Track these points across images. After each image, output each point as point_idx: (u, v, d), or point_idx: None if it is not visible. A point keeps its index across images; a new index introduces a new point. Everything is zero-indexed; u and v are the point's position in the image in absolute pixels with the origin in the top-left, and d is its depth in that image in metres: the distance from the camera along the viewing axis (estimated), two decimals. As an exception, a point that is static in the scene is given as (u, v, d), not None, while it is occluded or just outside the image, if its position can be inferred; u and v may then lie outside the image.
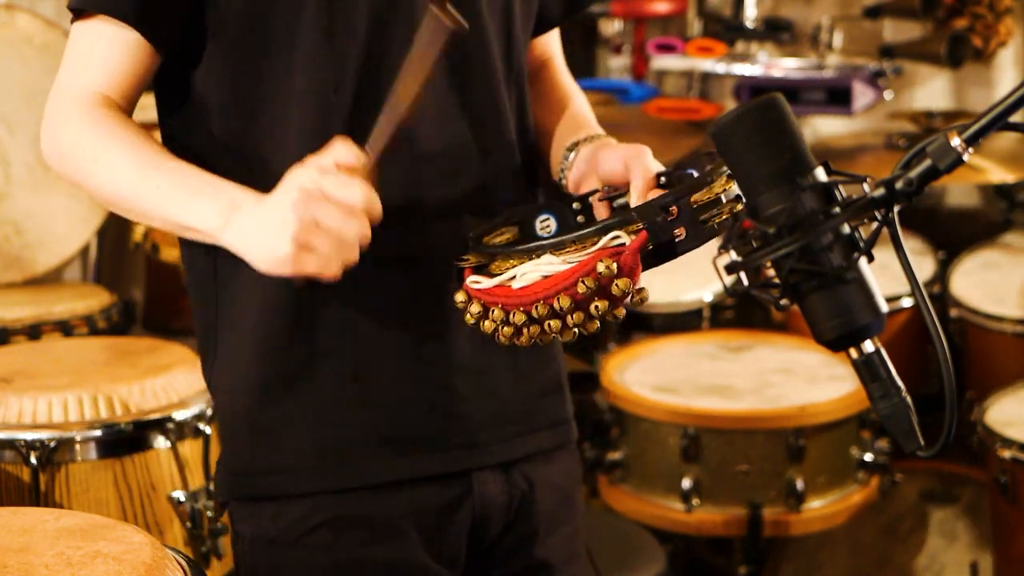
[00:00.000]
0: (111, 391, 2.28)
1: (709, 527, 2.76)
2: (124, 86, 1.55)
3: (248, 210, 1.44)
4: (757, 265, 1.32)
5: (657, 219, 1.44)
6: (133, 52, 1.54)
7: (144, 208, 1.52)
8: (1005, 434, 2.68)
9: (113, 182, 1.52)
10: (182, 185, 1.49)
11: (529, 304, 1.46)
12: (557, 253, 1.49)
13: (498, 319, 1.50)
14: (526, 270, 1.50)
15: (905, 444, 1.33)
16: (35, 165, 3.39)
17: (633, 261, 1.43)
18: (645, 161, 1.55)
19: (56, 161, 1.57)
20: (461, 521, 1.65)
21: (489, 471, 1.66)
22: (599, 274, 1.42)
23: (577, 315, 1.45)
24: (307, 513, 1.61)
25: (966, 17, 3.51)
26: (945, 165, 1.29)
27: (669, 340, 3.13)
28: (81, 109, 1.53)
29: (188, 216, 1.48)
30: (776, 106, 1.32)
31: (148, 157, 1.50)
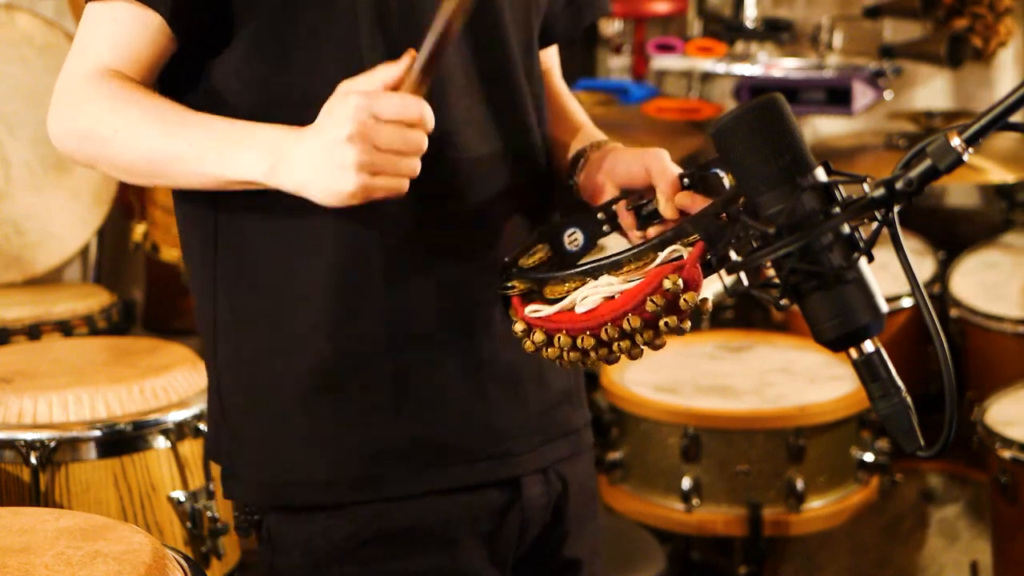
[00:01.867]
0: (111, 391, 2.28)
1: (709, 527, 2.76)
2: (138, 66, 1.52)
3: (294, 150, 1.42)
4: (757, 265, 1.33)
5: (712, 228, 1.42)
6: (152, 35, 1.50)
7: (179, 170, 1.48)
8: (1005, 434, 2.68)
9: (139, 149, 1.48)
10: (215, 137, 1.46)
11: (598, 327, 1.45)
12: (616, 273, 1.48)
13: (565, 345, 1.48)
14: (587, 293, 1.48)
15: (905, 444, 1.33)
16: (35, 165, 3.38)
17: (696, 274, 1.42)
18: (666, 164, 1.54)
19: (71, 142, 1.52)
20: (512, 525, 1.64)
21: (533, 474, 1.65)
22: (667, 290, 1.41)
23: (647, 333, 1.44)
24: (358, 526, 1.58)
25: (966, 17, 3.51)
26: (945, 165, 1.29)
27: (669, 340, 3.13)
28: (93, 84, 1.49)
29: (229, 169, 1.45)
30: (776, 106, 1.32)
31: (172, 116, 1.47)
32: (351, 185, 1.39)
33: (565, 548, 1.71)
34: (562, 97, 1.80)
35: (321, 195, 1.42)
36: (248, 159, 1.44)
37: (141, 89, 1.50)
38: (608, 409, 2.85)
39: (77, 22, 3.69)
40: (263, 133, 1.45)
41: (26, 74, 3.40)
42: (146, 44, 1.51)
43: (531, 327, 1.51)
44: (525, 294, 1.54)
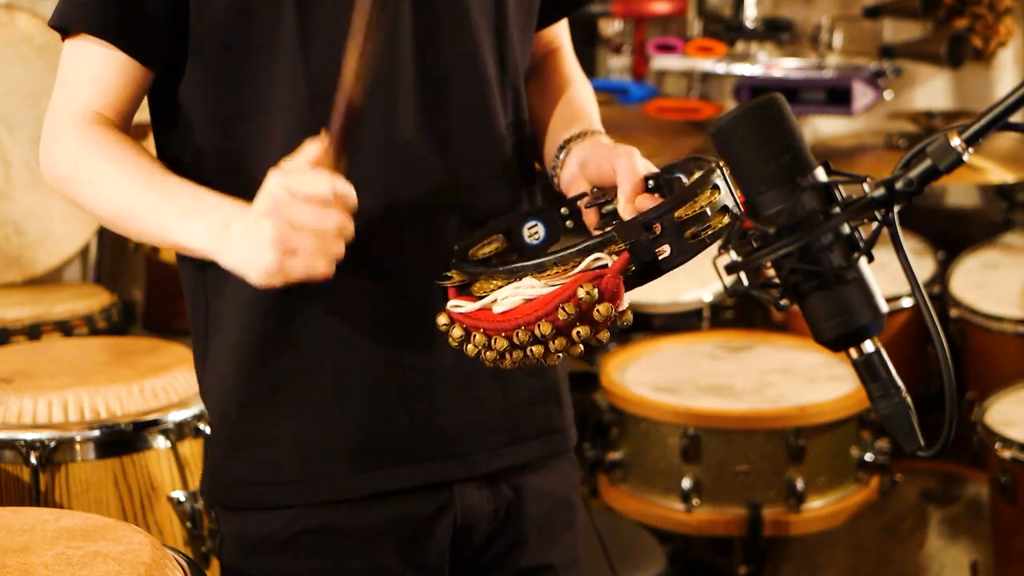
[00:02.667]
0: (111, 391, 2.28)
1: (709, 527, 2.76)
2: (117, 103, 1.55)
3: (236, 228, 1.44)
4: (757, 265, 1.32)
5: (640, 238, 1.39)
6: (122, 69, 1.54)
7: (139, 228, 1.52)
8: (1005, 434, 2.68)
9: (108, 203, 1.52)
10: (175, 205, 1.48)
11: (510, 330, 1.43)
12: (539, 276, 1.45)
13: (480, 344, 1.46)
14: (507, 294, 1.46)
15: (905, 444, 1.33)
16: (35, 165, 3.37)
17: (615, 285, 1.38)
18: (633, 164, 1.52)
19: (53, 181, 1.58)
20: (442, 532, 1.63)
21: (472, 482, 1.64)
22: (580, 299, 1.38)
23: (559, 340, 1.41)
24: (289, 522, 1.60)
25: (966, 17, 3.51)
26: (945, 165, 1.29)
27: (669, 340, 3.13)
28: (74, 130, 1.53)
29: (181, 237, 1.48)
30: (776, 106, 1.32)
31: (141, 176, 1.50)
32: (267, 261, 1.39)
33: (523, 557, 1.69)
34: (562, 78, 1.76)
35: (250, 272, 1.43)
36: (198, 232, 1.47)
37: (118, 140, 1.53)
38: (608, 409, 2.85)
39: (77, 22, 3.70)
40: (220, 209, 1.47)
41: (26, 74, 3.40)
42: (119, 78, 1.54)
43: (453, 321, 1.49)
44: (460, 287, 1.53)
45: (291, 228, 1.38)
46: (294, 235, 1.38)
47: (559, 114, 1.70)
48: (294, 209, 1.38)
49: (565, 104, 1.72)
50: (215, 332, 1.62)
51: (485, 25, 1.60)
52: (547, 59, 1.78)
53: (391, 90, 1.54)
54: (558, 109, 1.71)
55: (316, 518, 1.60)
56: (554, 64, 1.78)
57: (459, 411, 1.62)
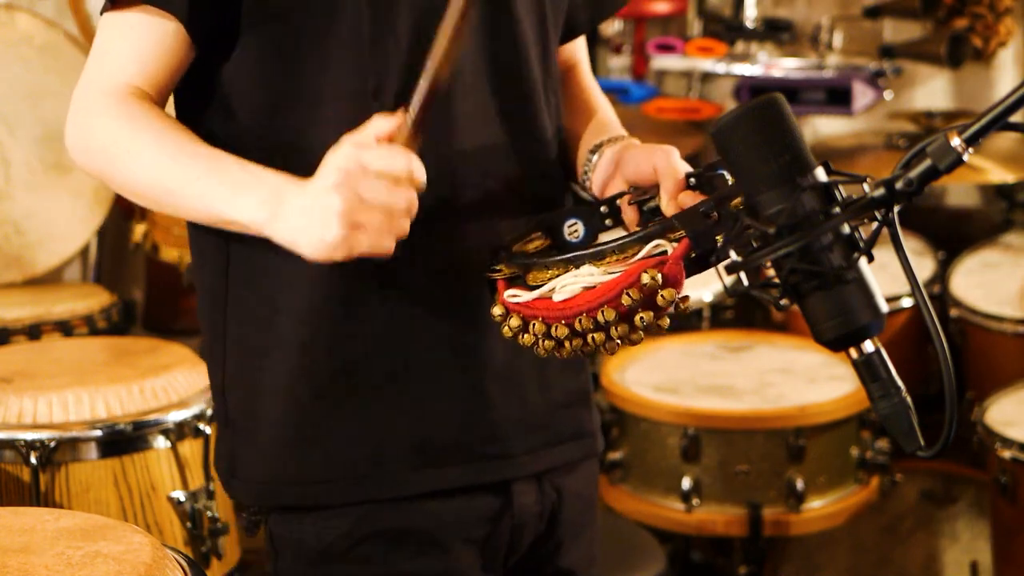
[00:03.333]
0: (111, 391, 2.28)
1: (709, 527, 2.76)
2: (158, 78, 1.51)
3: (292, 200, 1.40)
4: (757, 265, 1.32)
5: (699, 226, 1.40)
6: (170, 43, 1.50)
7: (182, 202, 1.47)
8: (1005, 434, 2.68)
9: (149, 175, 1.47)
10: (223, 177, 1.45)
11: (572, 317, 1.43)
12: (597, 263, 1.46)
13: (539, 332, 1.46)
14: (566, 282, 1.46)
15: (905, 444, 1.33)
16: (35, 165, 3.39)
17: (677, 270, 1.39)
18: (673, 162, 1.52)
19: (84, 155, 1.52)
20: (503, 532, 1.63)
21: (525, 481, 1.64)
22: (644, 285, 1.38)
23: (622, 327, 1.42)
24: (351, 527, 1.58)
25: (966, 17, 3.51)
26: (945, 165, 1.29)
27: (669, 340, 3.13)
28: (112, 101, 1.49)
29: (231, 210, 1.44)
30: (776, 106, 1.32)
31: (185, 148, 1.46)
32: (332, 235, 1.37)
33: (559, 558, 1.70)
34: (587, 92, 1.77)
35: (307, 246, 1.40)
36: (250, 204, 1.43)
37: (159, 113, 1.50)
38: (608, 409, 2.85)
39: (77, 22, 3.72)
40: (270, 181, 1.43)
41: (26, 74, 3.40)
42: (164, 53, 1.51)
43: (508, 312, 1.49)
44: (510, 279, 1.53)
45: (361, 202, 1.36)
46: (364, 210, 1.36)
47: (589, 126, 1.72)
48: (366, 183, 1.36)
49: (596, 120, 1.73)
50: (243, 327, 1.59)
51: (531, 28, 1.61)
52: (570, 75, 1.79)
53: (456, 82, 1.53)
54: (588, 123, 1.72)
55: (378, 521, 1.58)
56: (577, 81, 1.79)
57: (508, 410, 1.61)
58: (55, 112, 3.37)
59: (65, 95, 1.56)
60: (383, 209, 1.37)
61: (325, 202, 1.37)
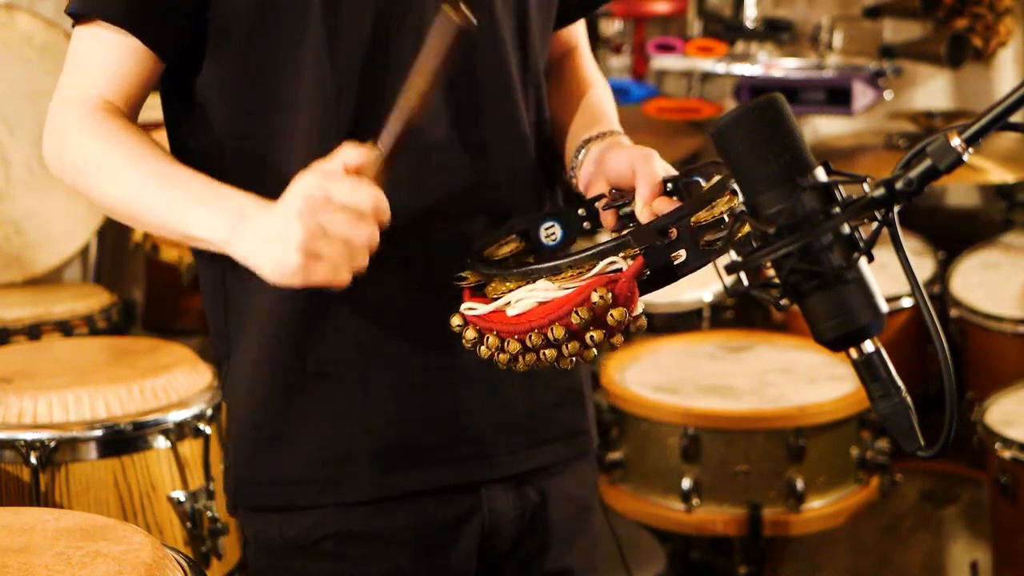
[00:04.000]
0: (111, 391, 2.28)
1: (709, 527, 2.76)
2: (127, 91, 1.53)
3: (255, 220, 1.41)
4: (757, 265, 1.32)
5: (656, 243, 1.39)
6: (135, 57, 1.52)
7: (149, 218, 1.49)
8: (1005, 434, 2.68)
9: (118, 191, 1.49)
10: (188, 194, 1.46)
11: (523, 333, 1.42)
12: (554, 279, 1.45)
13: (493, 346, 1.45)
14: (521, 296, 1.45)
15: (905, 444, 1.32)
16: (35, 165, 3.38)
17: (629, 289, 1.38)
18: (652, 167, 1.51)
19: (59, 169, 1.54)
20: (469, 536, 1.63)
21: (499, 486, 1.63)
22: (593, 304, 1.37)
23: (572, 344, 1.40)
24: (313, 525, 1.59)
25: (966, 17, 3.51)
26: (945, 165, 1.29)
27: (669, 340, 3.13)
28: (84, 116, 1.50)
29: (194, 227, 1.45)
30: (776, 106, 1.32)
31: (153, 165, 1.48)
32: (290, 262, 1.36)
33: (547, 561, 1.69)
34: (582, 80, 1.76)
35: (265, 268, 1.40)
36: (213, 221, 1.44)
37: (129, 128, 1.51)
38: (608, 409, 2.85)
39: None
40: (235, 200, 1.44)
41: (26, 74, 3.40)
42: (132, 67, 1.52)
43: (466, 323, 1.49)
44: (474, 288, 1.52)
45: (322, 233, 1.35)
46: (323, 241, 1.36)
47: (579, 115, 1.70)
48: (330, 216, 1.35)
49: (585, 106, 1.71)
50: (240, 330, 1.61)
51: (508, 23, 1.60)
52: (565, 59, 1.78)
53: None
54: (578, 110, 1.71)
55: (338, 522, 1.59)
56: (572, 65, 1.78)
57: (484, 412, 1.61)
58: (55, 112, 3.37)
59: (65, 95, 1.57)
60: (343, 242, 1.36)
61: (286, 228, 1.37)
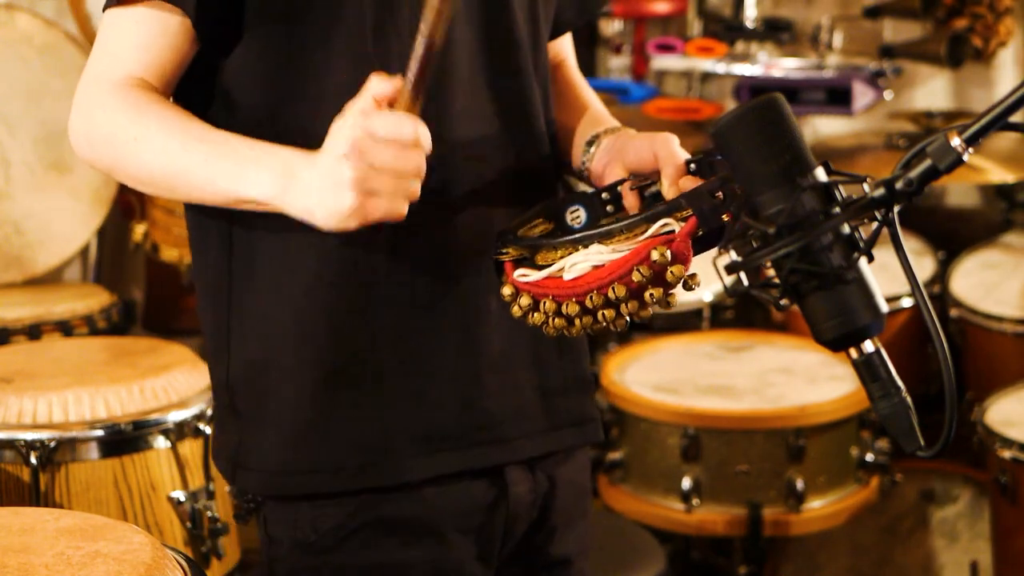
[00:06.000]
0: (111, 391, 2.28)
1: (709, 527, 2.76)
2: (163, 72, 1.52)
3: (303, 172, 1.42)
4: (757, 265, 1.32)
5: (705, 205, 1.44)
6: (175, 38, 1.51)
7: (193, 185, 1.48)
8: (1005, 434, 2.68)
9: (157, 160, 1.48)
10: (232, 156, 1.46)
11: (583, 295, 1.46)
12: (606, 242, 1.49)
13: (550, 311, 1.49)
14: (576, 260, 1.49)
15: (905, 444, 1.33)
16: (35, 165, 3.39)
17: (685, 247, 1.43)
18: (674, 149, 1.55)
19: (89, 148, 1.53)
20: (498, 521, 1.64)
21: (519, 470, 1.65)
22: (654, 261, 1.42)
23: (632, 303, 1.45)
24: (347, 517, 1.59)
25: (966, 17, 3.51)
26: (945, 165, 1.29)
27: (669, 340, 3.13)
28: (116, 91, 1.50)
29: (242, 187, 1.45)
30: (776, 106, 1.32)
31: (192, 130, 1.47)
32: (347, 204, 1.39)
33: (552, 546, 1.71)
34: (577, 86, 1.80)
35: (322, 216, 1.42)
36: (261, 179, 1.44)
37: (163, 100, 1.51)
38: (608, 409, 2.85)
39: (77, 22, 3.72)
40: (279, 154, 1.45)
41: (26, 74, 3.40)
42: (168, 47, 1.52)
43: (518, 291, 1.52)
44: (518, 260, 1.55)
45: (371, 169, 1.38)
46: (375, 177, 1.38)
47: (584, 117, 1.74)
48: (376, 151, 1.38)
49: (588, 109, 1.75)
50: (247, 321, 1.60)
51: (524, 20, 1.63)
52: (557, 72, 1.80)
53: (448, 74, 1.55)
54: (580, 113, 1.74)
55: (374, 510, 1.59)
56: (565, 75, 1.81)
57: (503, 396, 1.62)
58: (55, 112, 3.37)
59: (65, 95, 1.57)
60: (393, 173, 1.39)
61: (336, 171, 1.39)
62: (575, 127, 1.72)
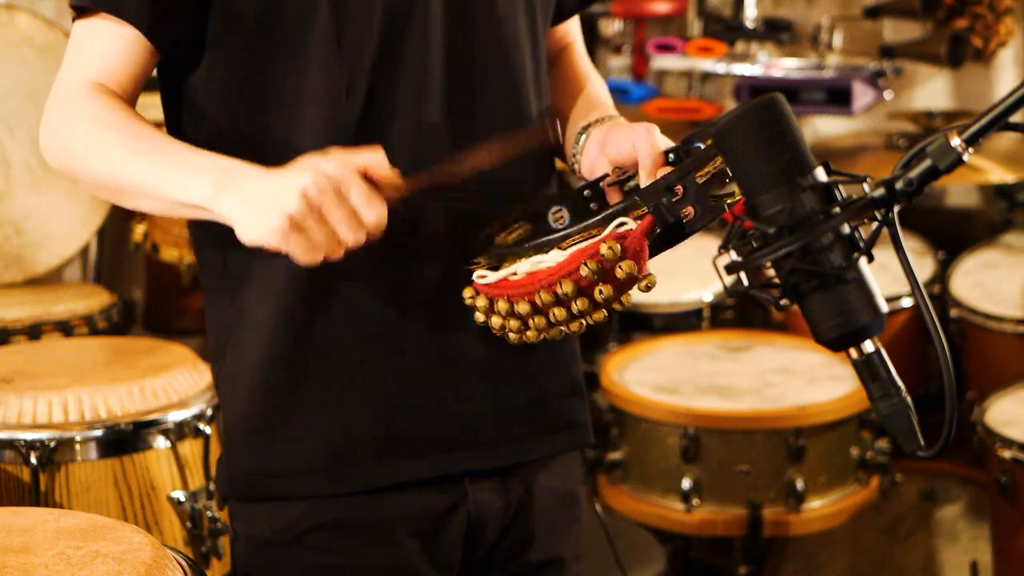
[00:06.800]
0: (111, 391, 2.28)
1: (709, 527, 2.76)
2: (123, 82, 1.54)
3: (249, 180, 1.42)
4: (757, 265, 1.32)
5: (662, 200, 1.41)
6: (132, 49, 1.53)
7: (141, 190, 1.49)
8: (1005, 434, 2.68)
9: (109, 167, 1.49)
10: (177, 162, 1.46)
11: (532, 292, 1.44)
12: (563, 245, 1.47)
13: (503, 311, 1.48)
14: (533, 262, 1.48)
15: (905, 444, 1.33)
16: (35, 165, 3.38)
17: (638, 243, 1.40)
18: (652, 139, 1.52)
19: (52, 154, 1.55)
20: (455, 527, 1.63)
21: (485, 478, 1.64)
22: (602, 256, 1.40)
23: (581, 301, 1.42)
24: (302, 516, 1.60)
25: (966, 17, 3.51)
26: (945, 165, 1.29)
27: (669, 340, 3.14)
28: (77, 98, 1.51)
29: (183, 191, 1.45)
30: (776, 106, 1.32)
31: (143, 139, 1.48)
32: (273, 224, 1.38)
33: (531, 553, 1.70)
34: (579, 71, 1.78)
35: (247, 224, 1.41)
36: (200, 181, 1.44)
37: (123, 110, 1.52)
38: (608, 409, 2.85)
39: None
40: (224, 163, 1.45)
41: (26, 74, 3.40)
42: (128, 58, 1.53)
43: (477, 293, 1.51)
44: (488, 270, 1.54)
45: (315, 214, 1.37)
46: (313, 221, 1.38)
47: (579, 105, 1.72)
48: (331, 205, 1.37)
49: (584, 96, 1.73)
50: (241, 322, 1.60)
51: (521, 15, 1.62)
52: (562, 55, 1.79)
53: (421, 77, 1.54)
54: (577, 102, 1.72)
55: (329, 512, 1.60)
56: (569, 60, 1.79)
57: (482, 402, 1.62)
58: (55, 112, 3.37)
59: (65, 95, 1.57)
60: (330, 233, 1.39)
61: (284, 192, 1.38)
62: (571, 117, 1.71)
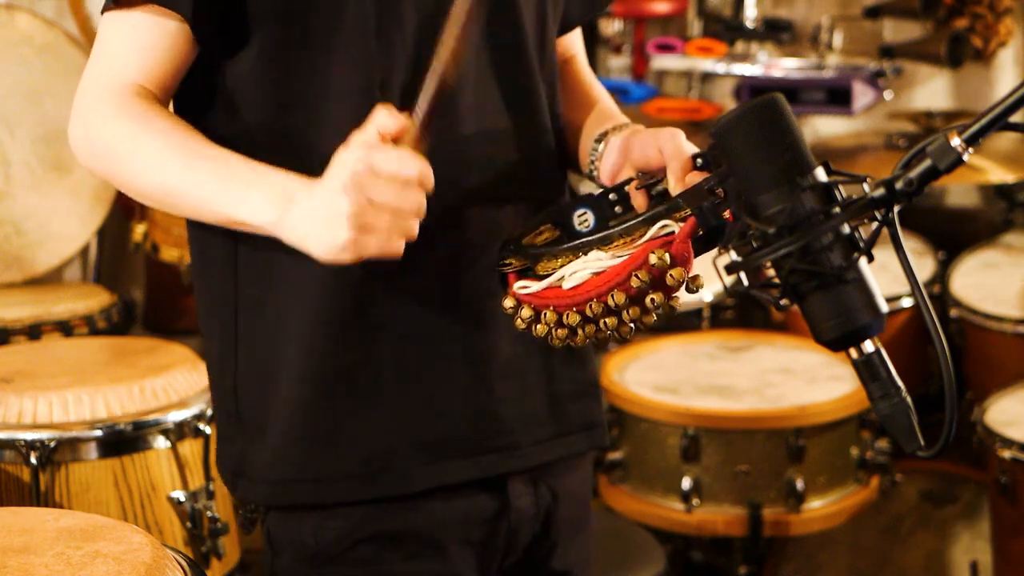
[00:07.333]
0: (111, 391, 2.28)
1: (709, 527, 2.76)
2: (162, 77, 1.51)
3: (301, 201, 1.40)
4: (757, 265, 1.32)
5: (704, 203, 1.41)
6: (174, 42, 1.49)
7: (189, 204, 1.47)
8: (1005, 434, 2.68)
9: (154, 177, 1.47)
10: (230, 178, 1.44)
11: (583, 303, 1.43)
12: (605, 248, 1.46)
13: (551, 321, 1.46)
14: (575, 268, 1.47)
15: (905, 444, 1.33)
16: (35, 165, 3.38)
17: (685, 249, 1.39)
18: (680, 144, 1.51)
19: (89, 158, 1.52)
20: (500, 533, 1.63)
21: (521, 483, 1.63)
22: (652, 266, 1.39)
23: (633, 310, 1.42)
24: (350, 528, 1.58)
25: (966, 17, 3.51)
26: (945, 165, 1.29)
27: (669, 340, 3.13)
28: (116, 101, 1.48)
29: (239, 211, 1.43)
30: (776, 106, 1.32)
31: (191, 149, 1.46)
32: (341, 238, 1.36)
33: (554, 559, 1.69)
34: (585, 83, 1.77)
35: (316, 248, 1.40)
36: (258, 205, 1.42)
37: (164, 112, 1.49)
38: (608, 409, 2.85)
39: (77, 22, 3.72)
40: (278, 180, 1.43)
41: (26, 74, 3.40)
42: (167, 52, 1.50)
43: (520, 303, 1.50)
44: (520, 271, 1.53)
45: (370, 206, 1.35)
46: (372, 213, 1.36)
47: (592, 114, 1.71)
48: (375, 187, 1.35)
49: (596, 106, 1.73)
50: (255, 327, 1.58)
51: (531, 23, 1.61)
52: (567, 66, 1.79)
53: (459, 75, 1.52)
54: (589, 110, 1.72)
55: (377, 522, 1.57)
56: (575, 71, 1.79)
57: (512, 403, 1.61)
58: (55, 112, 3.37)
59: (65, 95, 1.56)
60: (392, 211, 1.36)
61: (334, 204, 1.36)
62: (583, 125, 1.70)
